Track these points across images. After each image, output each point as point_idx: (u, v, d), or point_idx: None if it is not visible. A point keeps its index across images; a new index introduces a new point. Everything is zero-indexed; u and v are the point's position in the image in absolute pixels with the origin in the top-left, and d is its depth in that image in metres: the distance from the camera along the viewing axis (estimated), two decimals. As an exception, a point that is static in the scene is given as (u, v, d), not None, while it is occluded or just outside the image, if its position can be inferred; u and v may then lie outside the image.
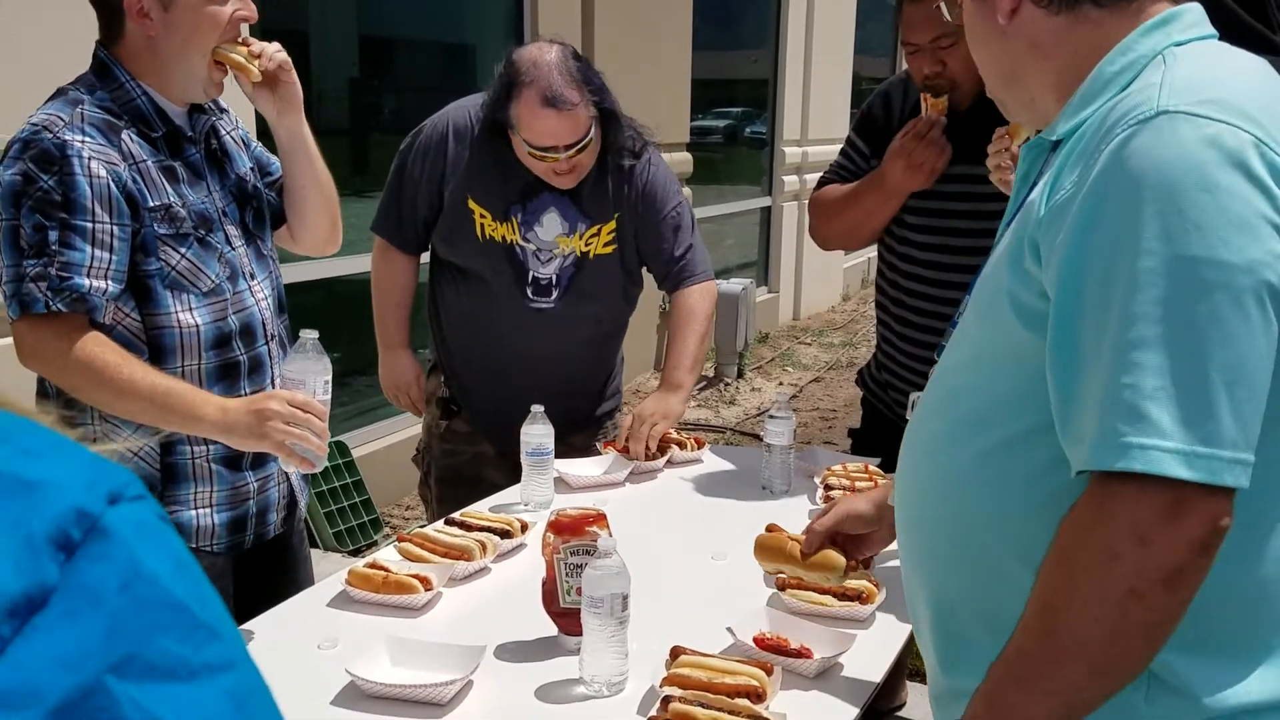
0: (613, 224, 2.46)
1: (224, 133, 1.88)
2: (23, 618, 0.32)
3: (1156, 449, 0.90)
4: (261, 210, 1.92)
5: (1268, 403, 0.93)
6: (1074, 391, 0.96)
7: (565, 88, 2.25)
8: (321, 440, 1.67)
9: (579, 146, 2.29)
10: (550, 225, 2.43)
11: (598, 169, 2.42)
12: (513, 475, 2.29)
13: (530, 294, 2.43)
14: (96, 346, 1.62)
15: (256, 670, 0.38)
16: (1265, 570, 0.99)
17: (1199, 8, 1.09)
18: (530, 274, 2.42)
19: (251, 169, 1.92)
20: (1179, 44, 1.04)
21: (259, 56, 1.77)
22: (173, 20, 1.66)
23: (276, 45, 1.81)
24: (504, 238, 2.41)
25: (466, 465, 2.52)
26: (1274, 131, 0.95)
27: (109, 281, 1.63)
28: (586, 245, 2.44)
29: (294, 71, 1.84)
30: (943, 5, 1.59)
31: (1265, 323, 0.91)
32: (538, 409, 2.17)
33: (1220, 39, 1.08)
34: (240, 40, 1.76)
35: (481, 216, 2.40)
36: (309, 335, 1.74)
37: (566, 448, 2.44)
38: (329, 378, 1.75)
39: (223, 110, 1.91)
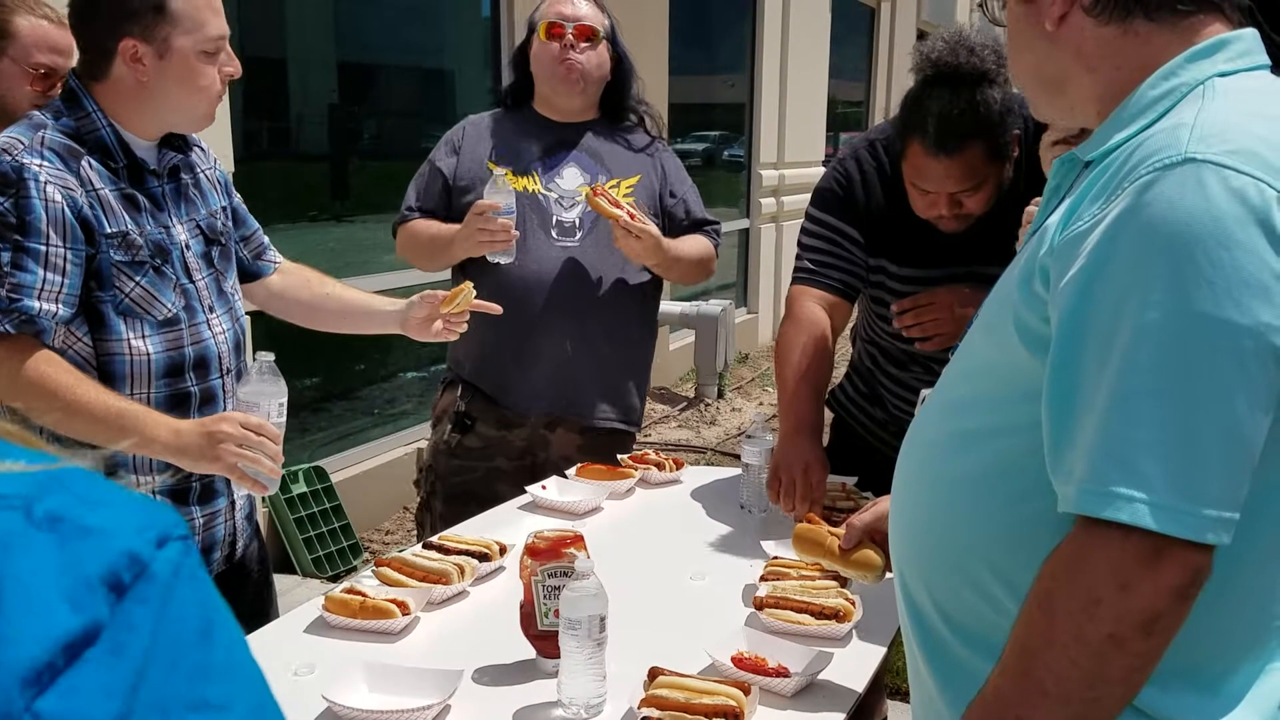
0: (633, 180, 2.55)
1: (198, 169, 1.90)
2: (77, 651, 0.37)
3: (1142, 501, 0.90)
4: (228, 249, 1.93)
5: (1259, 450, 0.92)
6: (1067, 431, 0.95)
7: None
8: (275, 463, 1.68)
9: (591, 26, 2.45)
10: (570, 176, 2.53)
11: (610, 130, 2.58)
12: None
13: (555, 235, 2.49)
14: (48, 366, 1.62)
15: (264, 709, 0.43)
16: (1244, 603, 1.00)
17: (1253, 34, 1.05)
18: (554, 218, 2.49)
19: (223, 208, 1.94)
20: (1225, 74, 1.01)
21: (458, 313, 2.12)
22: (165, 68, 1.69)
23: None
24: (525, 188, 2.49)
25: (479, 482, 2.50)
26: None
27: (59, 305, 1.63)
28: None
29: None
30: (983, 6, 1.49)
31: (1266, 386, 0.90)
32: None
33: (1273, 70, 1.05)
34: (466, 298, 2.11)
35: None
36: (265, 357, 1.74)
37: (607, 463, 2.46)
38: (284, 400, 1.75)
39: (200, 149, 1.93)
